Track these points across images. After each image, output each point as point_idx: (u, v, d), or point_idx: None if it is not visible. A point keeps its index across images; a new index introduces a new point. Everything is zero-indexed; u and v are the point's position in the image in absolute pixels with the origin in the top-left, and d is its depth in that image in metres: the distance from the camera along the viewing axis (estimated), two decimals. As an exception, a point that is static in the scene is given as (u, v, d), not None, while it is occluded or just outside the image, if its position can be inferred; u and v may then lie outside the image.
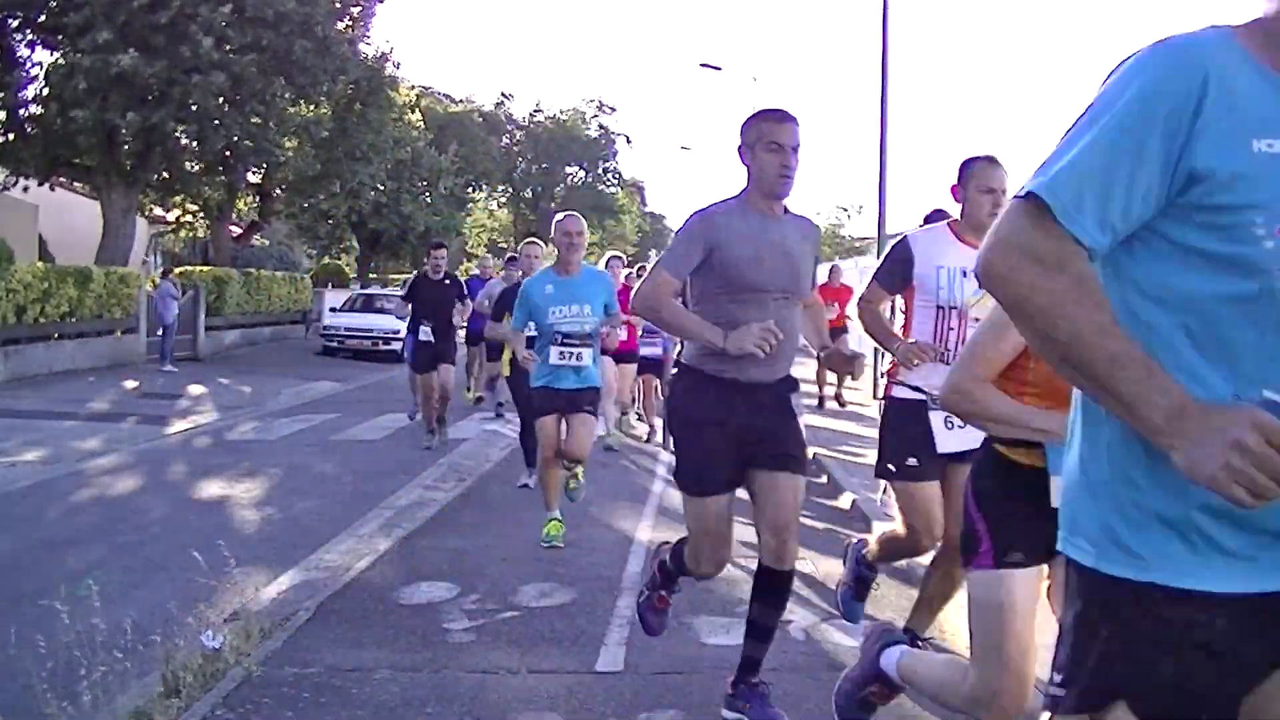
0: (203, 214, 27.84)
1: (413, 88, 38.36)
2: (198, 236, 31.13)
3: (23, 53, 19.95)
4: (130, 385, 15.55)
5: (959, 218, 3.87)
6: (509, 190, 52.96)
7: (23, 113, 19.88)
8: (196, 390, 15.33)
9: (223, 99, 19.55)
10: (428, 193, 33.17)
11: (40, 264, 17.44)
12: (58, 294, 16.26)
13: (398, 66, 29.56)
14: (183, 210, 27.26)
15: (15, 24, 19.49)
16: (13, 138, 19.92)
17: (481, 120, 45.69)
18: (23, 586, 5.31)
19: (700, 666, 4.14)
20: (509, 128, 51.66)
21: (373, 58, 26.67)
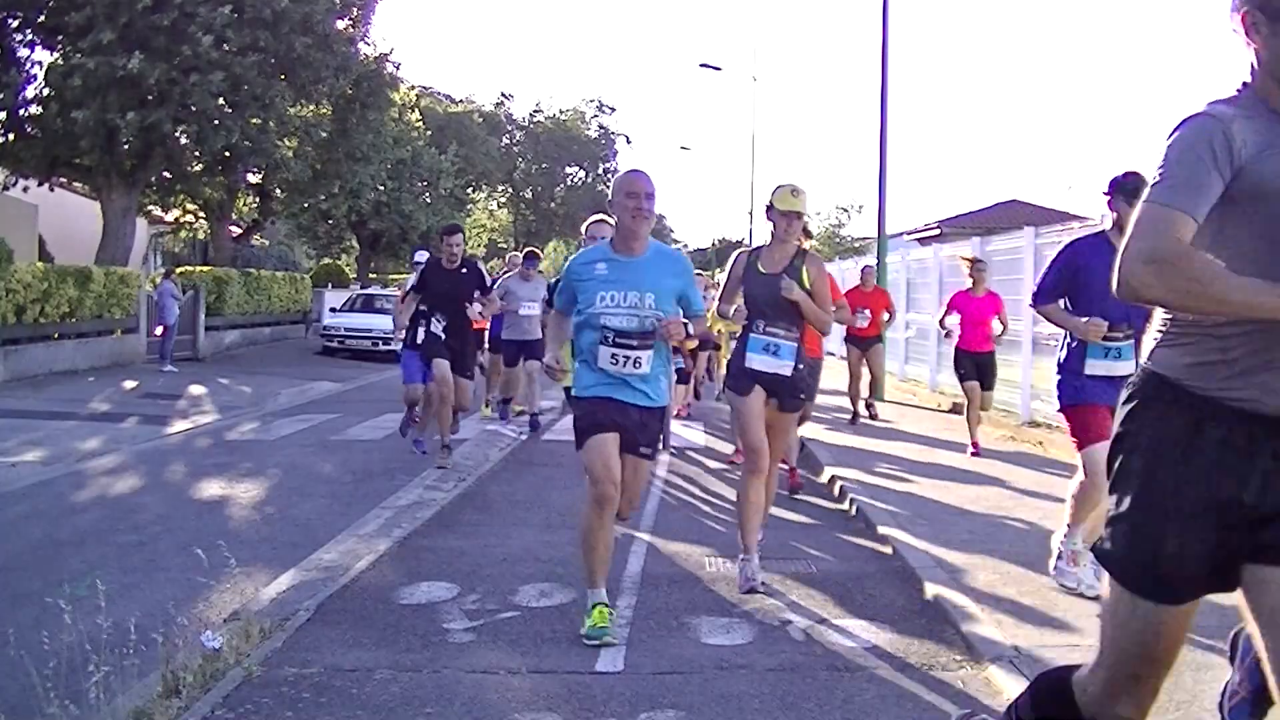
0: (203, 214, 27.87)
1: (413, 88, 38.38)
2: (198, 236, 31.17)
3: (23, 53, 19.96)
4: (130, 385, 15.56)
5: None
6: (509, 190, 53.02)
7: (23, 113, 19.88)
8: (196, 390, 15.34)
9: (222, 99, 19.56)
10: (428, 193, 33.21)
11: (40, 264, 17.45)
12: (58, 294, 16.27)
13: (398, 66, 29.52)
14: (183, 210, 27.27)
15: (15, 24, 19.50)
16: (13, 138, 19.92)
17: (481, 120, 45.73)
18: (23, 586, 5.33)
19: (700, 666, 4.13)
20: (509, 128, 51.74)
21: (373, 57, 26.66)
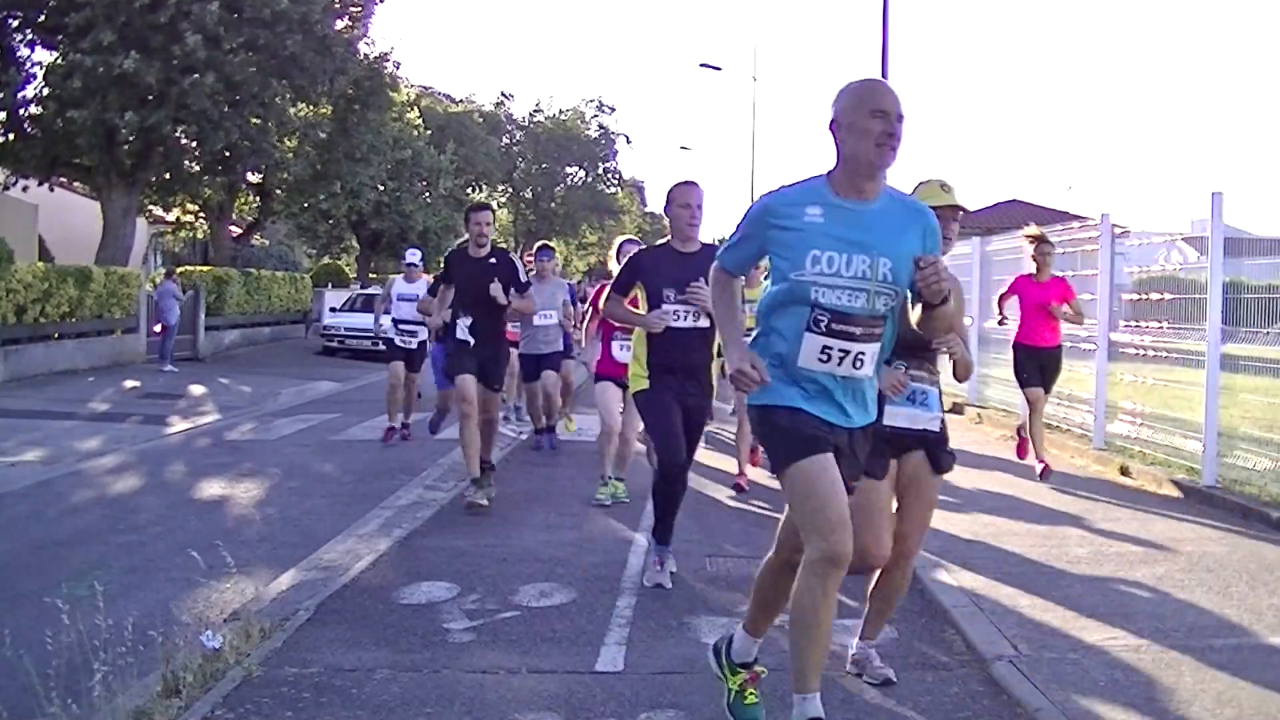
0: (203, 214, 27.87)
1: (412, 88, 38.38)
2: (198, 236, 31.17)
3: (23, 53, 19.97)
4: (130, 385, 15.56)
5: None
6: (509, 190, 52.94)
7: (23, 113, 19.89)
8: (196, 390, 15.34)
9: (221, 99, 19.54)
10: (428, 193, 33.16)
11: (40, 264, 17.46)
12: (58, 294, 16.27)
13: (398, 66, 29.59)
14: (183, 210, 27.28)
15: (15, 24, 19.50)
16: (13, 138, 19.93)
17: (481, 120, 45.67)
18: (23, 586, 5.32)
19: (700, 666, 4.12)
20: (509, 128, 51.65)
21: (372, 57, 26.67)
